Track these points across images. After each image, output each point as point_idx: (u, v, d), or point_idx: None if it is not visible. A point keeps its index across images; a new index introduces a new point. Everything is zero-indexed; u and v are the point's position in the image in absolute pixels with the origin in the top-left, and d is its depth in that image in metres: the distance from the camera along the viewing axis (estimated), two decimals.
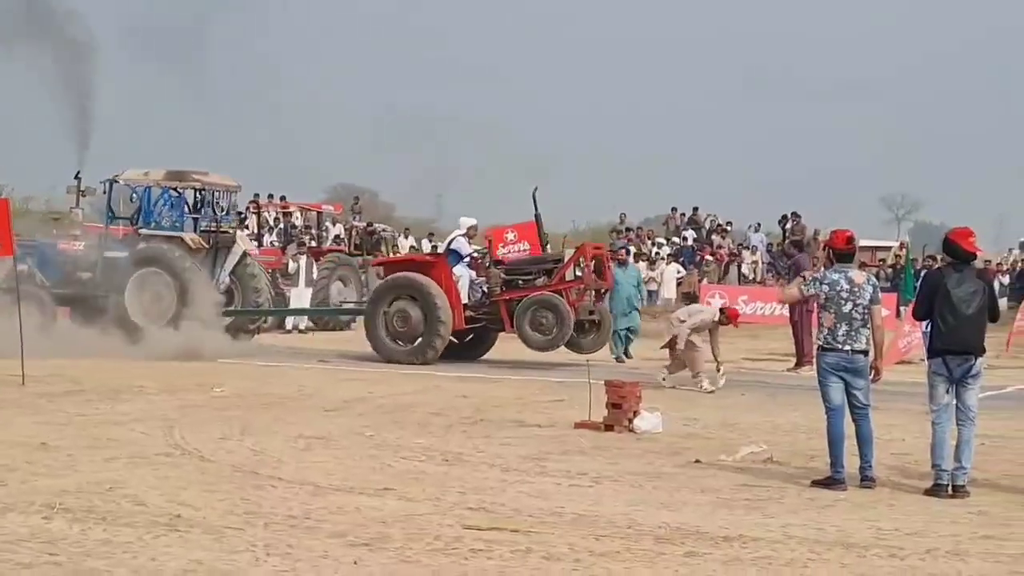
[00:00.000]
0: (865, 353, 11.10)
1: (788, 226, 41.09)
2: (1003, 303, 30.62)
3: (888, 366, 16.31)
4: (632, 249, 33.88)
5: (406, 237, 42.55)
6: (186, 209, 24.75)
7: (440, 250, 25.42)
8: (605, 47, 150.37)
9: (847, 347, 11.02)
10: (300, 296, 30.65)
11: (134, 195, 24.83)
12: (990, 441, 13.28)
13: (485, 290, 22.53)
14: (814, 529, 9.35)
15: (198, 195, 24.79)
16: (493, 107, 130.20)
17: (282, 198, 40.54)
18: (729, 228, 43.30)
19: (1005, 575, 8.26)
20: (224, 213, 25.29)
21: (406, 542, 8.63)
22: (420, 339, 22.02)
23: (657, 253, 39.55)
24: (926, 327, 11.39)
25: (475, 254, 22.99)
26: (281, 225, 38.38)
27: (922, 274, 27.73)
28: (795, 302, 11.42)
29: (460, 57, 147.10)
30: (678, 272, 38.38)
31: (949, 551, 8.80)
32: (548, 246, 23.33)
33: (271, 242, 36.66)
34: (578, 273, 22.05)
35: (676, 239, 42.12)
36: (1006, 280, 36.57)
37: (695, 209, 44.12)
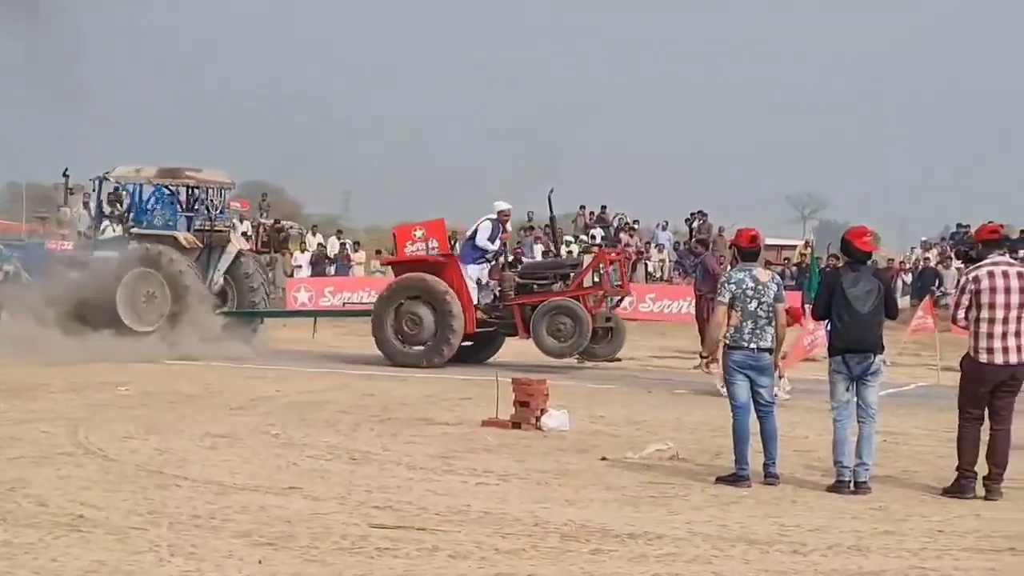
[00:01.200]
0: (770, 351, 11.24)
1: (695, 225, 41.46)
2: (905, 301, 31.13)
3: (793, 364, 16.55)
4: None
5: (314, 234, 42.35)
6: (179, 207, 24.19)
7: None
8: (516, 46, 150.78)
9: (753, 345, 11.14)
10: None
11: (124, 192, 24.34)
12: (891, 438, 13.48)
13: (497, 293, 22.09)
14: (718, 526, 9.45)
15: (191, 192, 24.25)
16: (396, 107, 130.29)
17: None
18: (636, 226, 43.52)
19: (905, 570, 8.39)
20: (218, 211, 24.70)
21: (312, 541, 8.60)
22: (431, 342, 21.48)
23: (568, 252, 39.62)
24: (827, 325, 11.55)
25: (494, 247, 22.15)
26: None
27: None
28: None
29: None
30: None
31: (850, 546, 8.93)
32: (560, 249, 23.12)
33: None
34: (596, 279, 21.86)
35: (584, 237, 42.26)
36: (908, 279, 37.03)
37: (603, 207, 44.31)
